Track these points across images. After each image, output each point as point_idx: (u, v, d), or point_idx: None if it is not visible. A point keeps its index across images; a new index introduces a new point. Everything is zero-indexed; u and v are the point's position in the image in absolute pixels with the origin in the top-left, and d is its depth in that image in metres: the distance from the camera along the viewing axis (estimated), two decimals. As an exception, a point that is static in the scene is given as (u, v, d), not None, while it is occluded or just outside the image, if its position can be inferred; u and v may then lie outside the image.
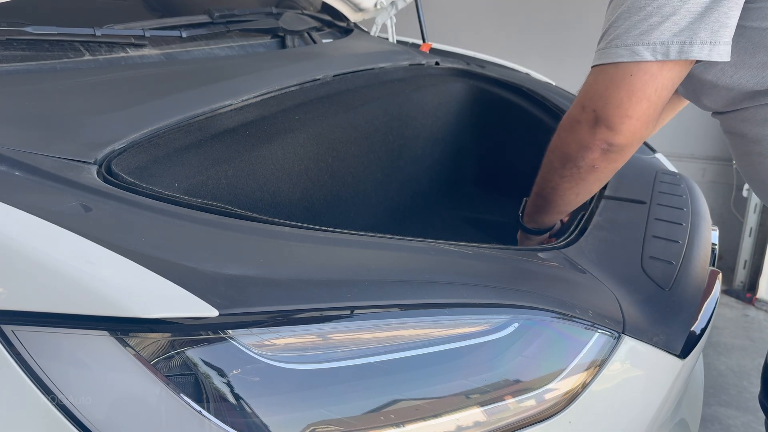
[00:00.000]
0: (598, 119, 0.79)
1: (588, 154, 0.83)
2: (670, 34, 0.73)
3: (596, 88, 0.79)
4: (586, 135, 0.81)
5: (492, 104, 1.75)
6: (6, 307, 0.61)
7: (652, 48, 0.73)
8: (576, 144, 0.84)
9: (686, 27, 0.73)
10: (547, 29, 3.20)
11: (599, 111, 0.78)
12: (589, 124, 0.80)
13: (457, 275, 0.74)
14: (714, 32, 0.73)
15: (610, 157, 0.83)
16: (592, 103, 0.79)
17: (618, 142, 0.80)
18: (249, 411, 0.59)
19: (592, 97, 0.79)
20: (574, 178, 0.88)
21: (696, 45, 0.73)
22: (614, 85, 0.76)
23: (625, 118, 0.77)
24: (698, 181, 1.32)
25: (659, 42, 0.73)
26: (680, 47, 0.73)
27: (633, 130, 0.78)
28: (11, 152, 0.76)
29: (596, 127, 0.80)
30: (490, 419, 0.66)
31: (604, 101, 0.78)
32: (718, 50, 0.74)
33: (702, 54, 0.73)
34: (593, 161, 0.84)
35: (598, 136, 0.80)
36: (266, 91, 1.21)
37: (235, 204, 0.99)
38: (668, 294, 0.86)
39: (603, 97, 0.78)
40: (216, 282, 0.61)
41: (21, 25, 1.02)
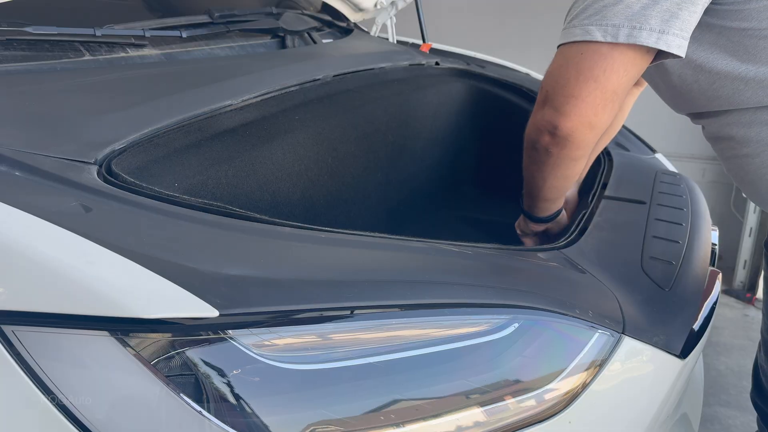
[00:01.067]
0: (546, 99, 0.79)
1: (541, 137, 0.83)
2: (622, 17, 0.74)
3: (551, 69, 0.79)
4: (538, 117, 0.82)
5: (492, 104, 1.75)
6: (6, 307, 0.61)
7: (603, 29, 0.74)
8: (532, 125, 0.84)
9: (638, 12, 0.73)
10: (548, 29, 3.20)
11: (549, 90, 0.79)
12: (540, 105, 0.81)
13: (457, 275, 0.74)
14: (664, 21, 0.73)
15: (559, 142, 0.81)
16: (545, 84, 0.80)
17: (562, 125, 0.79)
18: (249, 411, 0.59)
19: (547, 78, 0.80)
20: (536, 162, 0.88)
21: (645, 31, 0.73)
22: (565, 64, 0.77)
23: (570, 98, 0.76)
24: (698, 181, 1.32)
25: (611, 24, 0.74)
26: (629, 31, 0.73)
27: (578, 112, 0.77)
28: (11, 152, 0.76)
29: (544, 107, 0.80)
30: (490, 419, 0.66)
31: (554, 80, 0.78)
32: (666, 39, 0.74)
33: (650, 41, 0.73)
34: (546, 144, 0.83)
35: (546, 117, 0.80)
36: (266, 91, 1.21)
37: (235, 204, 0.99)
38: (668, 294, 0.86)
39: (554, 76, 0.78)
40: (216, 282, 0.61)
41: (21, 25, 1.02)
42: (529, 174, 0.94)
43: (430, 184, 1.72)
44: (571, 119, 0.78)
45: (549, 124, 0.80)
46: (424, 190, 1.69)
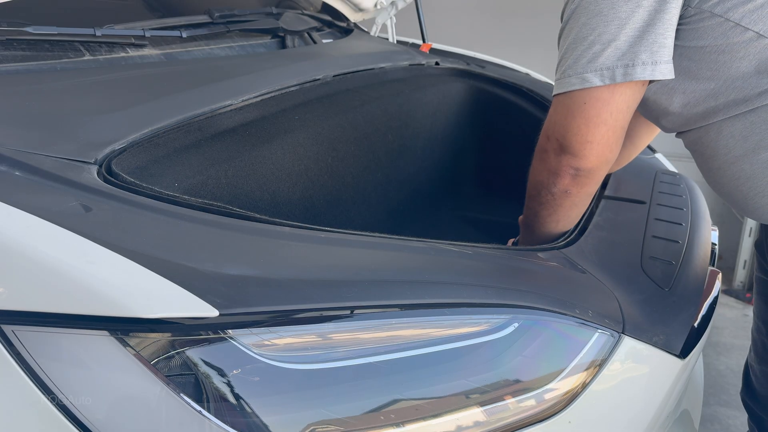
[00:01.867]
0: (562, 147, 0.83)
1: (558, 180, 0.87)
2: (613, 59, 0.77)
3: (556, 118, 0.83)
4: (553, 163, 0.86)
5: (492, 104, 1.75)
6: (6, 307, 0.61)
7: (600, 73, 0.78)
8: (546, 172, 0.88)
9: (627, 50, 0.77)
10: (548, 29, 3.20)
11: (561, 139, 0.83)
12: (555, 153, 0.85)
13: (457, 275, 0.74)
14: (654, 53, 0.77)
15: (581, 181, 0.86)
16: (555, 133, 0.84)
17: (584, 167, 0.84)
18: (249, 411, 0.59)
19: (554, 126, 0.84)
20: (551, 204, 0.92)
21: (638, 66, 0.77)
22: (571, 114, 0.81)
23: (587, 144, 0.81)
24: (698, 181, 1.32)
25: (605, 67, 0.77)
26: (624, 70, 0.77)
27: (597, 153, 0.82)
28: (11, 152, 0.76)
29: (562, 154, 0.84)
30: (490, 419, 0.66)
31: (564, 130, 0.82)
32: (660, 69, 0.78)
33: (645, 74, 0.77)
34: (565, 186, 0.87)
35: (564, 162, 0.84)
36: (266, 91, 1.21)
37: (235, 204, 0.99)
38: (668, 294, 0.86)
39: (563, 126, 0.82)
40: (216, 282, 0.61)
41: (21, 25, 1.02)
42: (539, 218, 0.96)
43: (430, 183, 1.72)
44: (591, 160, 0.82)
45: (570, 167, 0.84)
46: (424, 190, 1.69)
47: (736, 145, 0.84)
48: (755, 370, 1.13)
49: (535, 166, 0.90)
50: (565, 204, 0.90)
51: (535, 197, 0.93)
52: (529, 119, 1.66)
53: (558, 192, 0.89)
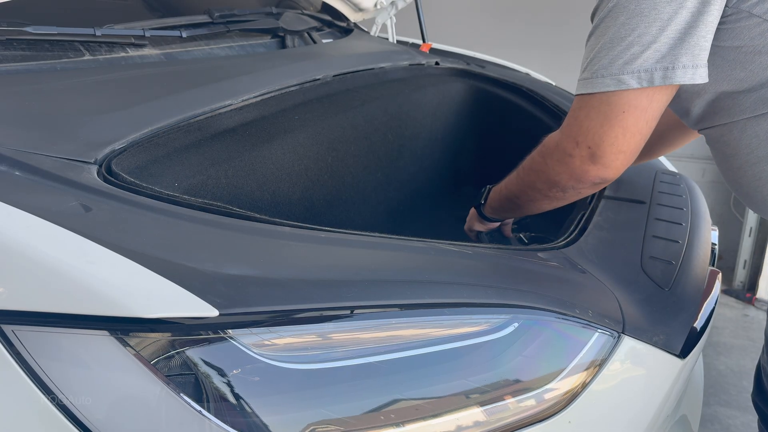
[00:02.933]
0: (593, 156, 0.80)
1: (579, 185, 0.86)
2: (652, 61, 0.75)
3: (590, 125, 0.80)
4: (578, 170, 0.83)
5: (492, 104, 1.75)
6: (6, 307, 0.61)
7: (637, 76, 0.75)
8: (567, 175, 0.85)
9: (667, 53, 0.75)
10: (548, 29, 3.20)
11: (595, 149, 0.80)
12: (582, 160, 0.82)
13: (457, 275, 0.74)
14: (695, 56, 0.75)
15: (599, 187, 0.86)
16: (587, 140, 0.80)
17: (610, 177, 0.83)
18: (249, 411, 0.59)
19: (586, 134, 0.80)
20: (557, 198, 0.91)
21: (679, 69, 0.75)
22: (608, 124, 0.78)
23: (620, 154, 0.79)
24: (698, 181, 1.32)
25: (643, 69, 0.75)
26: (664, 73, 0.75)
27: (624, 163, 0.81)
28: (11, 152, 0.76)
29: (591, 164, 0.81)
30: (490, 419, 0.66)
31: (599, 139, 0.79)
32: (700, 73, 0.76)
33: (685, 78, 0.75)
34: (581, 190, 0.87)
35: (592, 172, 0.82)
36: (266, 91, 1.21)
37: (235, 204, 0.99)
38: (668, 294, 0.86)
39: (598, 135, 0.79)
40: (216, 282, 0.61)
41: (21, 25, 1.03)
42: (533, 204, 0.96)
43: (430, 183, 1.72)
44: (618, 170, 0.81)
45: (597, 177, 0.82)
46: (424, 190, 1.69)
47: (759, 146, 0.83)
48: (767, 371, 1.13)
49: (551, 165, 0.87)
50: (572, 199, 0.90)
51: (540, 190, 0.91)
52: (529, 119, 1.66)
53: (572, 194, 0.88)
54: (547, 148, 0.89)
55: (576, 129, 0.82)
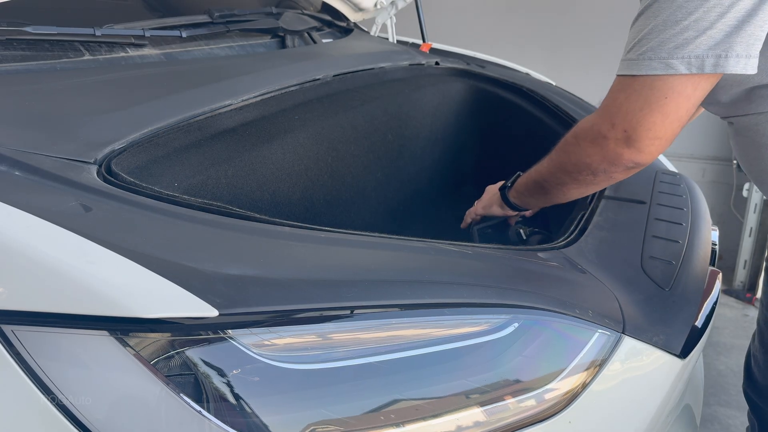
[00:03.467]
0: (629, 140, 0.79)
1: (612, 169, 0.84)
2: (705, 48, 0.73)
3: (629, 108, 0.78)
4: (612, 152, 0.82)
5: (492, 104, 1.75)
6: (6, 307, 0.61)
7: (687, 61, 0.73)
8: (600, 157, 0.84)
9: (722, 40, 0.72)
10: (548, 28, 3.20)
11: (631, 132, 0.78)
12: (617, 143, 0.80)
13: (457, 275, 0.74)
14: (749, 45, 0.73)
15: (631, 172, 0.84)
16: (624, 123, 0.78)
17: (643, 161, 0.81)
18: (249, 411, 0.59)
19: (624, 116, 0.78)
20: (588, 183, 0.89)
21: (732, 58, 0.73)
22: (648, 107, 0.76)
23: (656, 140, 0.77)
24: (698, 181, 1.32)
25: (694, 56, 0.73)
26: (716, 60, 0.73)
27: (659, 149, 0.79)
28: (11, 152, 0.76)
29: (626, 147, 0.80)
30: (490, 419, 0.66)
31: (636, 122, 0.77)
32: (752, 63, 0.74)
33: (737, 67, 0.73)
34: (613, 174, 0.85)
35: (625, 156, 0.81)
36: (266, 91, 1.21)
37: (235, 204, 0.99)
38: (668, 294, 0.86)
39: (636, 118, 0.77)
40: (216, 282, 0.61)
41: (21, 25, 1.02)
42: (563, 188, 0.94)
43: (430, 183, 1.72)
44: (652, 156, 0.80)
45: (630, 161, 0.81)
46: (424, 190, 1.69)
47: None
48: (758, 360, 1.12)
49: (584, 148, 0.85)
50: (602, 184, 0.88)
51: (571, 173, 0.90)
52: (529, 119, 1.66)
53: (603, 178, 0.86)
54: (582, 129, 0.87)
55: (614, 111, 0.80)
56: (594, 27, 3.08)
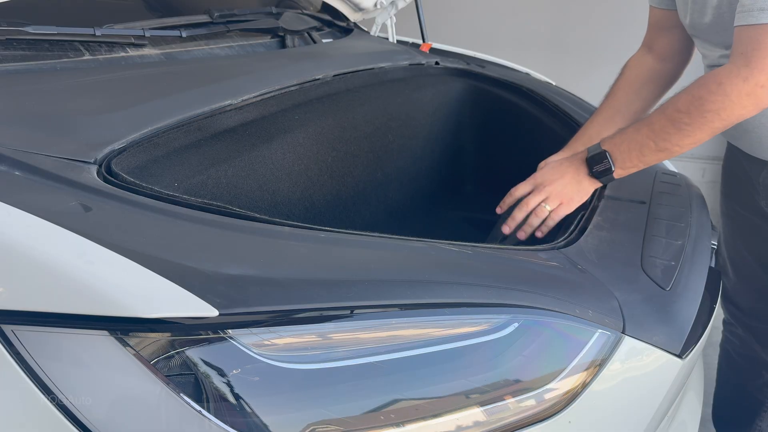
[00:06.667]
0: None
1: (755, 111, 0.89)
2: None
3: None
4: (765, 97, 0.87)
5: (492, 104, 1.75)
6: (6, 307, 0.61)
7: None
8: (754, 106, 0.89)
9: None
10: (548, 29, 3.20)
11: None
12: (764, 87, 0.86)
13: (457, 275, 0.74)
14: None
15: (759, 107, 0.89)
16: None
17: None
18: (249, 411, 0.59)
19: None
20: (716, 130, 0.92)
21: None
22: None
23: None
24: (698, 181, 1.32)
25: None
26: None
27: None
28: (11, 152, 0.76)
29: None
30: (490, 419, 0.66)
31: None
32: None
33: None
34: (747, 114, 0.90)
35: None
36: (266, 90, 1.21)
37: (235, 203, 0.99)
38: (668, 294, 0.86)
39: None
40: (216, 282, 0.61)
41: (21, 25, 1.02)
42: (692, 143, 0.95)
43: (430, 183, 1.72)
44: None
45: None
46: (424, 190, 1.69)
47: None
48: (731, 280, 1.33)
49: (738, 99, 0.88)
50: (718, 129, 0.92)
51: (716, 127, 0.92)
52: (528, 119, 1.66)
53: (737, 121, 0.90)
54: (731, 86, 0.89)
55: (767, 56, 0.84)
56: (594, 27, 3.08)
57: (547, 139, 1.53)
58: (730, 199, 1.36)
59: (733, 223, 1.35)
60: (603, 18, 3.04)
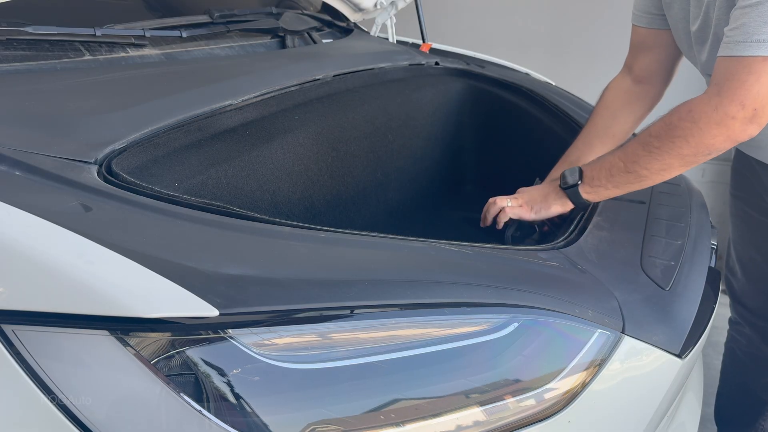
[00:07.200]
0: (754, 117, 0.84)
1: (728, 145, 0.88)
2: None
3: (760, 90, 0.83)
4: (737, 131, 0.86)
5: (491, 104, 1.75)
6: (6, 307, 0.61)
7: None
8: (724, 137, 0.87)
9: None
10: (548, 29, 3.20)
11: (760, 110, 0.84)
12: (744, 122, 0.85)
13: (457, 275, 0.74)
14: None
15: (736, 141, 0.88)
16: (755, 103, 0.84)
17: (755, 134, 0.87)
18: (249, 410, 0.59)
19: (756, 97, 0.84)
20: (695, 162, 0.93)
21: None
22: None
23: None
24: (698, 181, 1.33)
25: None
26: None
27: None
28: (11, 152, 0.76)
29: (749, 124, 0.85)
30: (490, 419, 0.67)
31: (764, 100, 0.83)
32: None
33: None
34: (723, 147, 0.88)
35: (748, 131, 0.86)
36: (266, 90, 1.21)
37: (235, 204, 0.99)
38: (668, 294, 0.86)
39: (763, 96, 0.83)
40: (216, 281, 0.61)
41: (21, 25, 1.02)
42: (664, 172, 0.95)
43: (430, 183, 1.72)
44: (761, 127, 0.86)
45: (748, 136, 0.86)
46: (424, 190, 1.69)
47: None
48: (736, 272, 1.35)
49: (707, 129, 0.88)
50: (697, 164, 0.93)
51: (685, 156, 0.92)
52: (528, 119, 1.66)
53: (714, 153, 0.89)
54: (702, 113, 0.88)
55: (743, 93, 0.84)
56: (594, 27, 3.08)
57: (546, 139, 1.53)
58: (739, 201, 1.35)
59: (743, 224, 1.35)
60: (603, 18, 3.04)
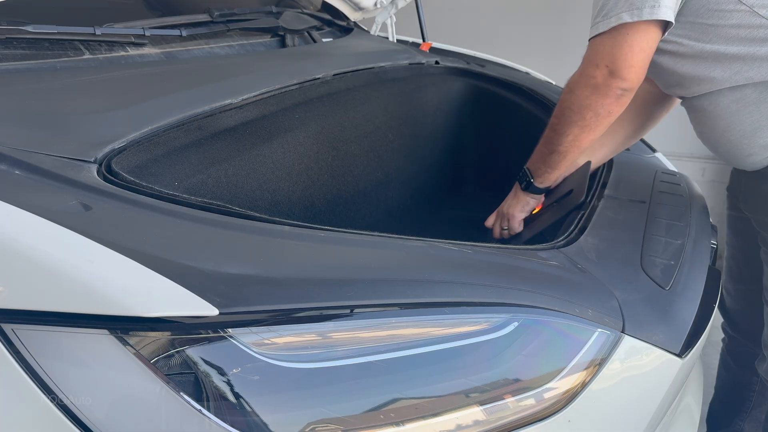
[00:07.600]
0: (612, 72, 1.00)
1: (606, 101, 1.02)
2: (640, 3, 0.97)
3: (604, 50, 1.01)
4: (602, 86, 1.01)
5: (492, 103, 1.75)
6: (6, 306, 0.61)
7: (630, 13, 0.97)
8: (595, 96, 1.03)
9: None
10: (548, 29, 3.20)
11: (611, 65, 1.00)
12: (604, 77, 1.01)
13: (457, 275, 0.74)
14: None
15: (622, 101, 1.02)
16: (604, 62, 1.00)
17: (628, 87, 1.01)
18: (249, 409, 0.59)
19: (602, 56, 1.01)
20: (593, 125, 1.06)
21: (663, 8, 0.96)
22: (618, 45, 0.99)
23: (631, 68, 0.99)
24: (698, 181, 1.33)
25: (635, 8, 0.97)
26: (650, 10, 0.96)
27: (637, 75, 1.00)
28: (11, 151, 0.76)
29: (611, 78, 1.00)
30: (490, 418, 0.66)
31: (613, 58, 1.00)
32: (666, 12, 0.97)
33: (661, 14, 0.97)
34: (609, 106, 1.03)
35: (613, 85, 1.00)
36: (266, 90, 1.21)
37: (235, 203, 0.99)
38: (668, 293, 0.86)
39: (612, 54, 1.00)
40: (216, 281, 0.61)
41: (21, 24, 1.02)
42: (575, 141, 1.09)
43: (430, 182, 1.72)
44: (632, 81, 1.00)
45: (618, 89, 1.00)
46: (424, 189, 1.69)
47: None
48: (729, 290, 1.43)
49: (579, 93, 1.04)
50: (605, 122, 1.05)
51: (576, 122, 1.06)
52: (528, 118, 1.66)
53: (603, 112, 1.03)
54: (572, 81, 1.06)
55: (593, 55, 1.02)
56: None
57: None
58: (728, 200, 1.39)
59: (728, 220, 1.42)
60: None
